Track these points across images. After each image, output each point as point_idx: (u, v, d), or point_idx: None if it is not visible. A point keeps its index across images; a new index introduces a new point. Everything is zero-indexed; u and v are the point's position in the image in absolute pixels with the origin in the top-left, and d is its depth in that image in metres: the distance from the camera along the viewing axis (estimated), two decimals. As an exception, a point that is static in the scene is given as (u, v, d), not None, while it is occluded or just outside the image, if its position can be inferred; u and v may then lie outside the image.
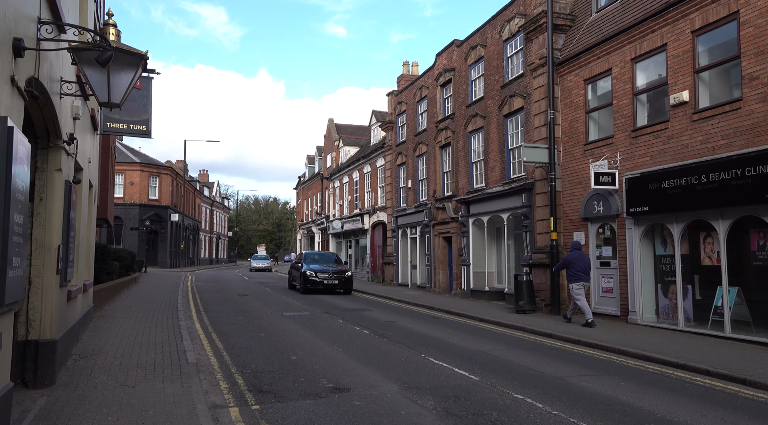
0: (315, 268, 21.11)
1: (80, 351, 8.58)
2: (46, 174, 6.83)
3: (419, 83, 24.16)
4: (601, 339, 10.20)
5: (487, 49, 18.50)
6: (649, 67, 12.21)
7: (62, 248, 7.12)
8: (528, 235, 15.88)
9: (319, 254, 24.18)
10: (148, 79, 12.27)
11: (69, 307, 8.05)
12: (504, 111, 17.31)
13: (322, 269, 21.08)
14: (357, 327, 12.27)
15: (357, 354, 9.21)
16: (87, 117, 9.56)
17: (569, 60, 14.34)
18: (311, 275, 20.77)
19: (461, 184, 20.12)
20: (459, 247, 19.98)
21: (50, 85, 5.90)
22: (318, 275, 20.79)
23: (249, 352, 9.24)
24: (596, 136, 13.77)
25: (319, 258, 22.98)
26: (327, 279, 20.81)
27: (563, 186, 14.59)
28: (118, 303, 15.69)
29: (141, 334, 10.34)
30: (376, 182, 30.28)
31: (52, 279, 6.81)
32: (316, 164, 47.44)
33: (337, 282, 20.97)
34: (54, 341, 6.75)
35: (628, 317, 12.35)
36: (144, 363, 7.86)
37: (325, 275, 20.87)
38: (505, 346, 10.17)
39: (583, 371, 8.08)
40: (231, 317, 13.88)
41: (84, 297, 10.29)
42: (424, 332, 11.76)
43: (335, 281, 20.95)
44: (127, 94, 6.23)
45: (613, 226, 13.04)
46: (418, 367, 8.19)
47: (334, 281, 20.93)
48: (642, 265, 12.13)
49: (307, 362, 8.51)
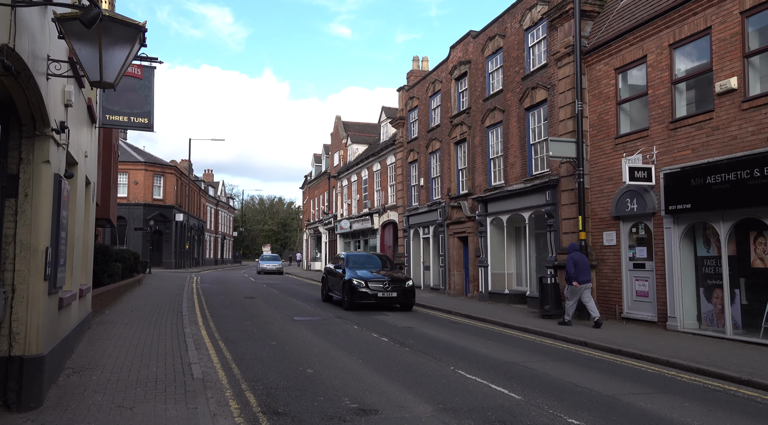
0: (364, 276, 15.78)
1: (75, 363, 7.76)
2: (32, 167, 6.00)
3: (432, 77, 23.28)
4: (644, 349, 9.31)
5: (506, 40, 17.60)
6: (689, 53, 11.29)
7: (51, 251, 6.30)
8: (552, 235, 14.98)
9: (365, 256, 18.42)
10: (150, 68, 11.45)
11: (61, 316, 7.23)
12: (525, 104, 16.42)
13: (373, 278, 15.66)
14: (374, 334, 11.42)
15: (379, 366, 8.36)
16: (82, 107, 8.74)
17: (598, 48, 13.44)
18: (360, 285, 15.37)
19: (478, 181, 19.23)
20: (476, 247, 19.09)
21: (33, 62, 5.07)
22: (370, 286, 15.31)
23: (260, 364, 8.41)
24: (628, 129, 12.86)
25: (365, 261, 17.52)
26: (382, 291, 15.33)
27: (591, 183, 13.69)
28: (120, 307, 14.90)
29: (143, 343, 9.52)
30: (386, 181, 29.42)
31: (39, 286, 5.98)
32: (323, 163, 46.61)
33: (395, 295, 15.43)
34: (41, 357, 5.92)
35: (666, 323, 11.45)
36: (145, 378, 7.03)
37: (378, 286, 15.39)
38: (539, 356, 9.29)
39: (636, 388, 7.19)
40: (239, 322, 13.06)
41: (81, 303, 9.48)
42: (447, 340, 10.89)
43: (392, 294, 15.41)
44: (122, 73, 5.40)
45: (648, 225, 12.13)
46: (449, 383, 7.33)
47: (391, 294, 15.38)
48: (682, 267, 11.22)
49: (325, 376, 7.67)
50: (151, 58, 11.52)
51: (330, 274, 17.90)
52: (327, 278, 18.20)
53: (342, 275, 16.27)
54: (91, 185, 10.43)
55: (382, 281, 15.53)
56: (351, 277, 15.71)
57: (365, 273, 15.98)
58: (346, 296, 15.65)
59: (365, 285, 15.36)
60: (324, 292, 18.49)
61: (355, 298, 15.35)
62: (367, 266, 16.76)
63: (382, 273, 16.19)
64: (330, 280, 17.80)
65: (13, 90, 5.24)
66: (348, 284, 15.61)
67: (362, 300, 15.32)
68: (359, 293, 15.30)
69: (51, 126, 6.09)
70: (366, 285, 15.36)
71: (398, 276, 16.16)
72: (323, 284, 18.66)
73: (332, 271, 17.68)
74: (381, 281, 15.52)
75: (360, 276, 15.69)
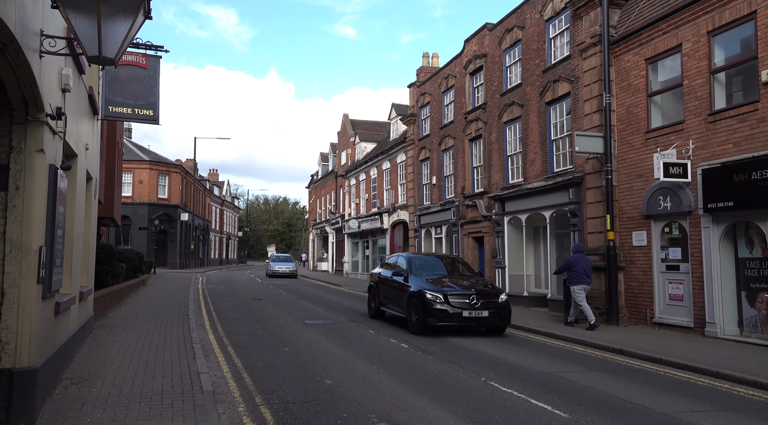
0: (440, 287, 11.44)
1: (73, 373, 7.12)
2: (24, 156, 5.36)
3: (445, 73, 22.58)
4: (687, 358, 8.60)
5: (525, 31, 16.89)
6: (731, 40, 10.57)
7: (46, 251, 5.65)
8: (576, 235, 14.26)
9: (433, 258, 14.01)
10: (156, 57, 10.81)
11: (58, 322, 6.59)
12: (546, 98, 15.71)
13: (455, 290, 11.34)
14: (392, 340, 10.75)
15: (403, 376, 7.69)
16: (83, 95, 8.11)
17: (627, 37, 12.72)
18: (436, 300, 11.06)
19: (495, 179, 18.53)
20: (492, 248, 18.39)
21: (23, 34, 4.42)
22: (451, 301, 11.05)
23: (274, 373, 7.76)
24: (660, 122, 12.14)
25: (434, 265, 13.35)
26: (468, 308, 11.02)
27: (619, 180, 12.98)
28: (124, 309, 14.28)
29: (147, 349, 8.88)
30: (397, 179, 28.73)
31: (32, 290, 5.34)
32: (330, 162, 45.96)
33: (486, 314, 11.10)
34: (33, 369, 5.28)
35: (704, 329, 10.72)
36: (149, 391, 6.38)
37: (463, 302, 11.09)
38: (575, 366, 8.59)
39: (692, 404, 6.49)
40: (248, 326, 12.41)
41: (81, 307, 8.85)
42: (470, 346, 10.20)
43: (482, 312, 11.07)
44: (125, 48, 4.75)
45: (683, 224, 11.41)
46: (483, 397, 6.65)
47: (481, 313, 11.07)
48: (722, 269, 10.50)
49: (346, 387, 7.01)
50: (157, 47, 10.89)
51: (383, 283, 13.76)
52: (378, 288, 14.01)
53: (404, 284, 12.31)
54: (93, 181, 9.80)
55: (467, 295, 11.17)
56: (421, 288, 11.49)
57: (438, 283, 11.77)
58: (413, 314, 11.51)
59: (444, 300, 11.06)
60: (372, 305, 14.29)
61: (430, 318, 11.01)
62: (436, 272, 12.86)
63: (463, 283, 11.97)
64: (383, 290, 13.68)
65: (1, 67, 4.60)
66: (418, 298, 11.35)
67: (440, 321, 10.98)
68: (435, 311, 10.99)
69: (45, 111, 5.45)
70: (445, 300, 11.07)
71: (486, 288, 11.76)
72: (370, 294, 14.55)
73: (387, 279, 13.46)
74: (465, 295, 11.17)
75: (435, 288, 11.43)
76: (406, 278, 12.43)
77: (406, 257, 13.66)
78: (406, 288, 12.12)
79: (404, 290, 12.24)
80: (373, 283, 14.45)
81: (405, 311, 12.09)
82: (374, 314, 14.12)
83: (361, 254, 35.41)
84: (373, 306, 14.28)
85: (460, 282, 12.05)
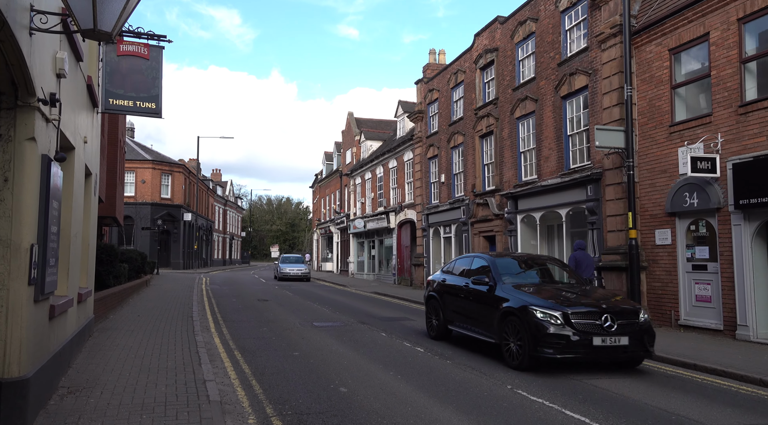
0: (559, 306, 7.99)
1: (70, 381, 6.63)
2: (14, 145, 4.88)
3: (454, 68, 22.04)
4: (724, 364, 8.06)
5: (539, 23, 16.36)
6: (763, 27, 10.03)
7: (38, 249, 5.17)
8: (595, 233, 13.73)
9: (522, 260, 10.52)
10: (158, 48, 10.30)
11: (53, 327, 6.10)
12: (562, 92, 15.17)
13: (576, 307, 7.99)
14: (406, 343, 10.24)
15: (422, 383, 7.19)
16: (80, 84, 7.62)
17: (649, 27, 12.18)
18: (550, 320, 7.84)
19: (507, 177, 18.00)
20: (504, 247, 17.85)
21: (9, 8, 3.93)
22: (573, 323, 7.79)
23: (284, 380, 7.26)
24: (685, 115, 11.60)
25: (526, 270, 10.03)
26: (599, 333, 7.77)
27: (640, 176, 12.43)
28: (126, 311, 13.80)
29: (149, 354, 8.39)
30: (404, 178, 28.22)
31: (23, 292, 4.86)
32: (335, 161, 45.46)
33: (626, 341, 7.82)
34: (24, 380, 4.80)
35: (735, 332, 10.18)
36: (152, 401, 5.88)
37: (591, 323, 7.82)
38: (604, 372, 8.05)
39: (745, 417, 5.93)
40: (254, 328, 11.93)
41: (80, 309, 8.36)
42: (490, 351, 9.68)
43: (621, 339, 7.80)
44: (123, 21, 4.27)
45: (711, 222, 10.87)
46: (512, 407, 6.13)
47: (619, 339, 7.79)
48: (755, 269, 9.96)
49: (362, 396, 6.51)
50: (159, 36, 10.41)
51: (451, 293, 10.35)
52: (442, 300, 10.56)
53: (492, 296, 8.92)
54: (92, 177, 9.32)
55: (597, 314, 7.87)
56: (525, 303, 8.16)
57: (548, 295, 8.42)
58: (512, 341, 8.21)
59: (563, 322, 7.75)
60: (434, 322, 10.83)
61: (543, 347, 7.72)
62: (531, 279, 9.59)
63: (582, 296, 8.53)
64: (451, 303, 10.25)
65: (-15, 45, 4.12)
66: (522, 318, 8.04)
67: (560, 352, 7.66)
68: (551, 337, 7.68)
69: (37, 96, 4.96)
70: (566, 322, 7.75)
71: (617, 303, 8.29)
72: (432, 308, 11.00)
73: (459, 289, 10.06)
74: (594, 314, 7.86)
75: (547, 303, 8.05)
76: (493, 287, 9.01)
77: (488, 259, 9.91)
78: (497, 302, 8.67)
79: (493, 304, 8.78)
80: (434, 293, 10.95)
81: (495, 335, 8.64)
82: (437, 335, 10.65)
83: (366, 254, 34.90)
84: (434, 324, 10.80)
85: (577, 294, 8.56)
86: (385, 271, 31.53)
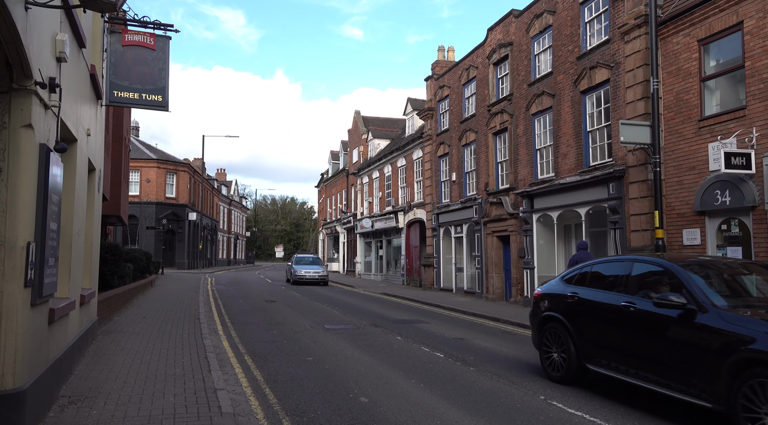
0: None
1: (72, 390, 6.17)
2: (8, 132, 4.42)
3: (465, 64, 21.53)
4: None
5: (557, 16, 15.84)
6: (803, 15, 9.50)
7: (36, 248, 4.71)
8: (617, 233, 13.20)
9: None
10: (165, 38, 9.87)
11: (52, 332, 5.63)
12: (581, 86, 14.65)
13: None
14: (424, 348, 9.75)
15: (448, 392, 6.70)
16: (83, 72, 7.16)
17: (677, 17, 11.65)
18: None
19: (522, 175, 17.48)
20: (519, 247, 17.34)
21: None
22: None
23: (300, 388, 6.79)
24: (716, 109, 11.07)
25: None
26: None
27: (667, 173, 11.91)
28: (131, 313, 13.36)
29: (156, 359, 7.93)
30: (413, 176, 27.72)
31: (18, 295, 4.39)
32: (341, 160, 44.98)
33: None
34: (19, 392, 4.34)
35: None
36: (159, 413, 5.41)
37: None
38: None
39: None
40: (264, 331, 11.46)
41: (82, 312, 7.90)
42: (513, 356, 9.19)
43: None
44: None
45: (744, 221, 10.33)
46: (549, 420, 5.64)
47: None
48: (793, 270, 9.41)
49: (386, 407, 6.02)
50: (166, 26, 9.99)
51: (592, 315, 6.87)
52: (577, 324, 7.03)
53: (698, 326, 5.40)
54: (96, 173, 8.87)
55: None
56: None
57: None
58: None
59: None
60: (555, 356, 7.33)
61: None
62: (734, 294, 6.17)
63: None
64: (593, 330, 6.83)
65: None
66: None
67: None
68: None
69: (34, 79, 4.50)
70: None
71: None
72: (551, 333, 7.44)
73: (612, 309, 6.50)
74: None
75: None
76: (693, 312, 5.49)
77: (668, 265, 6.22)
78: (718, 339, 5.18)
79: (704, 344, 5.30)
80: (556, 314, 7.35)
81: (712, 396, 5.14)
82: (565, 376, 7.08)
83: (374, 254, 34.41)
84: (558, 360, 7.25)
85: None
86: (393, 271, 31.03)
